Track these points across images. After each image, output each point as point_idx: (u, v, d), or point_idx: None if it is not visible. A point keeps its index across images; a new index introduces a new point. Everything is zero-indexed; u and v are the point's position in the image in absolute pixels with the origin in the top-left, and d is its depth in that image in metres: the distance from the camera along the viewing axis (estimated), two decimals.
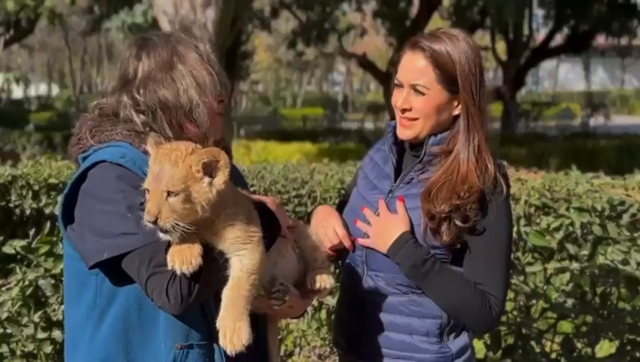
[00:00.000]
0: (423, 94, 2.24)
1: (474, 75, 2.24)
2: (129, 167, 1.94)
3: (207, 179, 1.81)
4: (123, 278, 1.94)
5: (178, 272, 1.79)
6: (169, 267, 1.79)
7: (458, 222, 2.20)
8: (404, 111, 2.28)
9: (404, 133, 2.31)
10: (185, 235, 1.80)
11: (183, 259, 1.78)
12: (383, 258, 2.27)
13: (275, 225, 2.05)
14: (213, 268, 1.86)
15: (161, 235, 1.80)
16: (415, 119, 2.27)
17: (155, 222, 1.76)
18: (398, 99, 2.28)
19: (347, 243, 2.32)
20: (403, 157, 2.38)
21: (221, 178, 1.82)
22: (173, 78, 2.07)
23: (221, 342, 1.83)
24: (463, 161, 2.24)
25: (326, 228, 2.31)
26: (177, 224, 1.77)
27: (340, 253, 2.37)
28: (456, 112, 2.28)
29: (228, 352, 1.83)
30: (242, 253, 1.86)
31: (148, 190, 1.79)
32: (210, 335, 1.97)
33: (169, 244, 1.82)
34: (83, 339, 2.04)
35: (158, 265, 1.83)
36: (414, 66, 2.25)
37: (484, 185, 2.22)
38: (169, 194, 1.77)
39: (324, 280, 2.16)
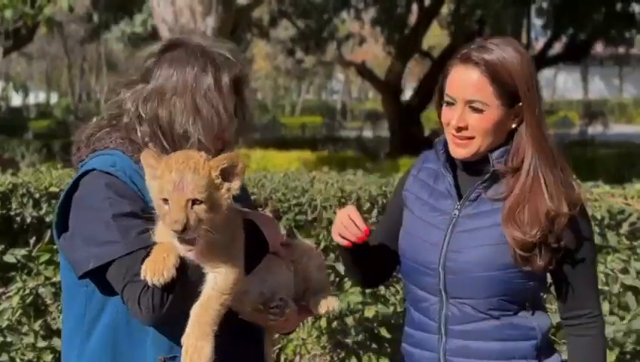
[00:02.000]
0: (482, 111, 2.10)
1: (532, 83, 2.12)
2: (118, 176, 1.92)
3: (226, 185, 1.81)
4: (111, 288, 1.93)
5: (149, 283, 1.77)
6: (141, 277, 1.78)
7: (553, 244, 2.09)
8: (459, 129, 2.12)
9: (459, 153, 2.15)
10: (205, 244, 1.78)
11: (155, 270, 1.77)
12: (471, 282, 2.11)
13: (263, 243, 2.00)
14: (189, 281, 1.84)
15: (183, 247, 1.79)
16: (471, 138, 2.13)
17: (183, 231, 1.74)
18: (452, 117, 2.13)
19: (362, 227, 2.07)
20: (456, 173, 2.22)
21: (237, 183, 1.82)
22: (176, 104, 1.98)
23: (182, 359, 1.81)
24: (547, 178, 2.11)
25: (342, 219, 2.09)
26: (204, 232, 1.76)
27: (354, 245, 2.13)
28: (513, 126, 2.15)
29: None
30: (218, 271, 1.84)
31: (166, 200, 1.76)
32: None
33: (147, 254, 1.81)
34: (72, 352, 2.03)
35: (134, 274, 1.82)
36: (469, 81, 2.10)
37: (570, 202, 2.11)
38: (194, 202, 1.75)
39: (331, 304, 2.12)
